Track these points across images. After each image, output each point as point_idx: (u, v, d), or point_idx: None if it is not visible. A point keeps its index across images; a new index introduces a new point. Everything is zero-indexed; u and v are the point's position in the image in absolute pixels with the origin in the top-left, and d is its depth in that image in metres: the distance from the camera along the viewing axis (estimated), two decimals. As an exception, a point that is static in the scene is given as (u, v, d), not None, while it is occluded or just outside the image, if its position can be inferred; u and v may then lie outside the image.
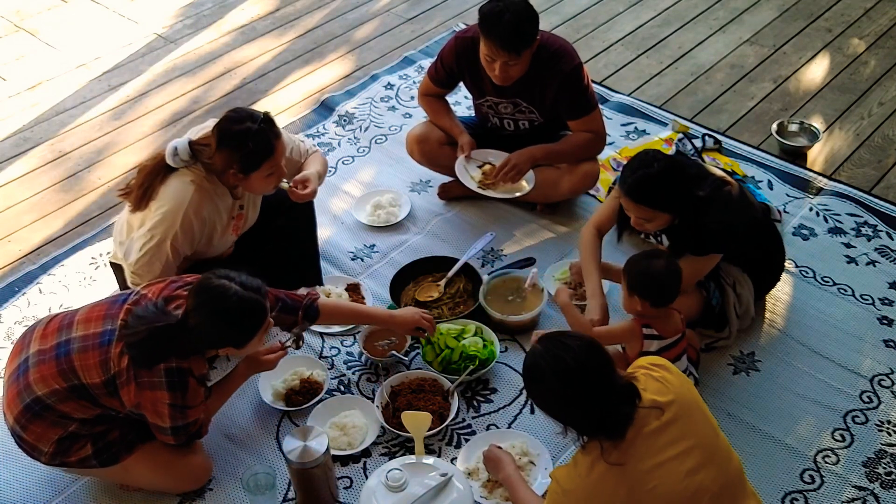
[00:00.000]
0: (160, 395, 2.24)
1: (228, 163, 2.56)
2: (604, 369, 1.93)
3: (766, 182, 3.57)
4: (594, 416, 1.91)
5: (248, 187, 2.69)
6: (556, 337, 1.99)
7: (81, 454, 2.35)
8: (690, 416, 1.99)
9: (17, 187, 3.81)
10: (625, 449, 1.91)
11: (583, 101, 3.17)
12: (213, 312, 2.22)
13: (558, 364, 1.91)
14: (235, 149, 2.54)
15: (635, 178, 2.54)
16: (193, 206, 2.59)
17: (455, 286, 3.13)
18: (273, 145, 2.58)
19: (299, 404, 2.73)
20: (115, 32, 4.87)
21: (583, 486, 1.95)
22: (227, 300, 2.21)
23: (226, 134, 2.55)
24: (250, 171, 2.59)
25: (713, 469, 1.97)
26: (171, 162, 2.59)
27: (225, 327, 2.25)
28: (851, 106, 4.06)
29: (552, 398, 1.96)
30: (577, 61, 3.11)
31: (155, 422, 2.31)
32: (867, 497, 2.47)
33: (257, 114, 2.58)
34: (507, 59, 2.96)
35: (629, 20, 4.78)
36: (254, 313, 2.27)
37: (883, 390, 2.76)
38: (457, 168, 3.29)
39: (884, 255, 3.23)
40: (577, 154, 3.25)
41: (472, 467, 2.54)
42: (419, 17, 4.90)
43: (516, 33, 2.91)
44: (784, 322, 2.99)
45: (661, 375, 2.01)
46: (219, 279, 2.24)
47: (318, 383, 2.79)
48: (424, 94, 3.44)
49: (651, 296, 2.44)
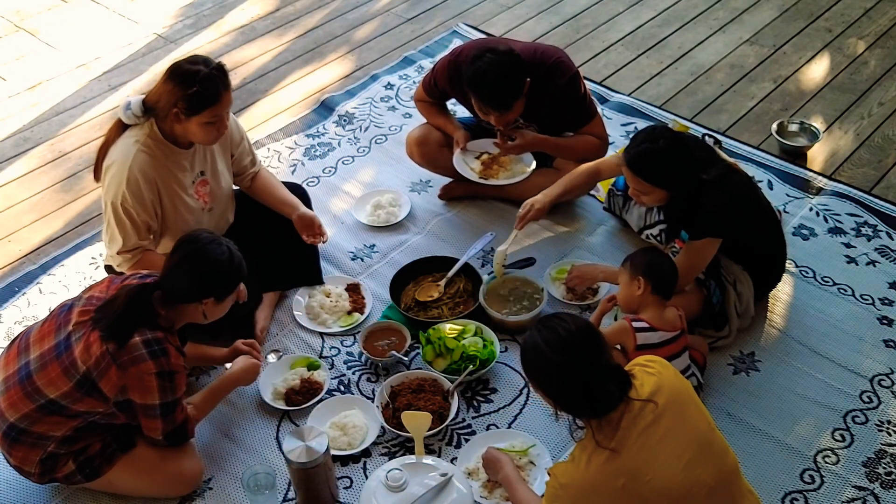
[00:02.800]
0: (144, 367, 2.23)
1: (173, 99, 2.55)
2: (595, 343, 1.98)
3: (766, 182, 3.57)
4: (585, 390, 1.93)
5: (187, 132, 2.64)
6: (551, 315, 2.07)
7: (65, 471, 2.39)
8: (685, 411, 2.01)
9: (17, 187, 3.81)
10: (619, 438, 1.93)
11: (581, 111, 3.18)
12: (195, 258, 2.29)
13: (551, 334, 1.97)
14: (182, 85, 2.53)
15: (638, 151, 2.60)
16: (137, 163, 2.59)
17: (455, 286, 3.13)
18: (220, 93, 2.57)
19: (299, 404, 2.73)
20: (115, 32, 4.87)
21: (580, 479, 1.97)
22: (211, 246, 2.30)
23: (177, 70, 2.57)
24: (192, 114, 2.56)
25: (709, 464, 1.98)
26: (123, 117, 2.62)
27: (207, 275, 2.30)
28: (851, 106, 4.06)
29: (546, 370, 1.99)
30: (572, 72, 3.11)
31: (144, 402, 2.28)
32: (867, 497, 2.47)
33: (212, 61, 2.59)
34: (498, 115, 3.00)
35: (629, 20, 4.78)
36: (238, 266, 2.35)
37: (883, 390, 2.76)
38: (455, 162, 3.29)
39: (884, 255, 3.23)
40: (580, 151, 3.24)
41: (472, 467, 2.54)
42: (419, 17, 4.90)
43: (502, 92, 2.93)
44: (784, 322, 2.99)
45: (656, 371, 2.04)
46: (200, 233, 2.35)
47: (319, 383, 2.79)
48: (419, 100, 3.45)
49: (655, 278, 2.50)
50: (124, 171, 2.58)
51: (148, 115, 2.62)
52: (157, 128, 2.64)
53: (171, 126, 2.62)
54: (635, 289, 2.51)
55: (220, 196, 2.88)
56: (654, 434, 1.94)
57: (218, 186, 2.86)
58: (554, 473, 2.05)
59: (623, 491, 1.92)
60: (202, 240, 2.34)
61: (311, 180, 3.70)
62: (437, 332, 2.85)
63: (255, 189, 3.01)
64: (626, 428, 1.93)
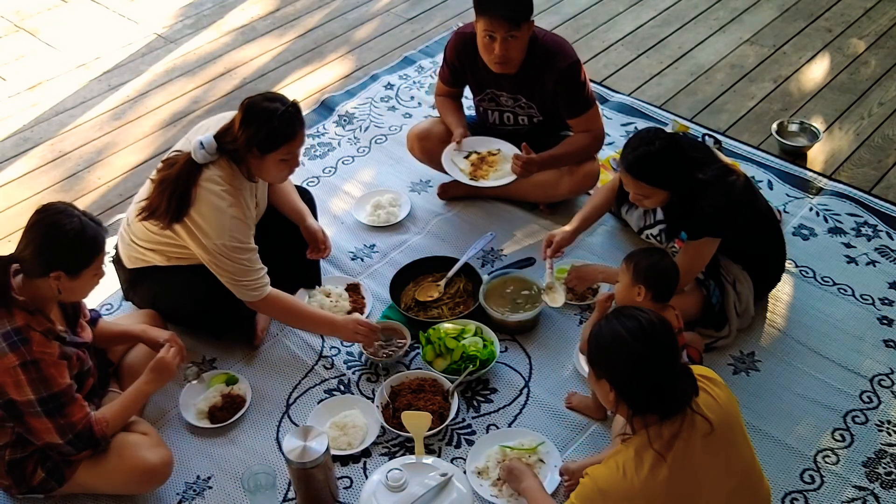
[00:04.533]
0: (6, 361, 2.17)
1: (251, 140, 2.55)
2: (674, 340, 1.95)
3: (766, 182, 3.57)
4: (660, 385, 1.88)
5: (262, 170, 2.65)
6: (627, 307, 2.03)
7: (38, 479, 2.38)
8: (734, 436, 1.97)
9: (17, 187, 3.81)
10: (676, 449, 1.87)
11: (581, 98, 3.17)
12: (50, 227, 2.21)
13: (633, 323, 1.92)
14: (261, 125, 2.53)
15: (636, 155, 2.59)
16: (231, 212, 2.59)
17: (455, 286, 3.13)
18: (296, 130, 2.59)
19: (224, 420, 2.70)
20: (115, 32, 4.87)
21: (625, 489, 1.89)
22: (65, 217, 2.22)
23: (254, 108, 2.55)
24: (269, 152, 2.57)
25: (748, 496, 1.97)
26: (198, 158, 2.57)
27: (59, 245, 2.21)
28: (851, 106, 4.06)
29: (625, 360, 1.92)
30: (573, 58, 3.12)
31: (22, 399, 2.20)
32: (867, 497, 2.47)
33: (287, 98, 2.60)
34: (506, 31, 2.97)
35: (629, 20, 4.78)
36: (90, 239, 2.26)
37: (883, 390, 2.76)
38: (444, 162, 3.29)
39: (884, 255, 3.23)
40: (576, 156, 3.26)
41: (481, 466, 2.54)
42: (419, 17, 4.90)
43: (516, 1, 2.94)
44: (784, 322, 2.99)
45: (711, 389, 1.99)
46: (55, 203, 2.27)
47: (241, 396, 2.78)
48: (438, 95, 3.47)
49: (656, 287, 2.45)
50: (225, 220, 2.57)
51: (221, 153, 2.61)
52: (232, 164, 2.63)
53: (247, 164, 2.63)
54: (635, 294, 2.48)
55: (260, 214, 2.91)
56: (704, 454, 1.89)
57: (261, 206, 2.90)
58: (593, 476, 1.95)
59: None
60: (53, 209, 2.26)
61: (311, 180, 3.70)
62: (437, 332, 2.85)
63: (269, 191, 3.01)
64: (684, 440, 1.88)
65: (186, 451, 2.64)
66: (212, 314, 2.87)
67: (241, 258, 2.63)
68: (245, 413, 2.74)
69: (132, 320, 2.83)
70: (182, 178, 2.58)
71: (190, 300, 2.83)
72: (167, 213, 2.59)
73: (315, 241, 3.06)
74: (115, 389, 2.62)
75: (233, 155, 2.61)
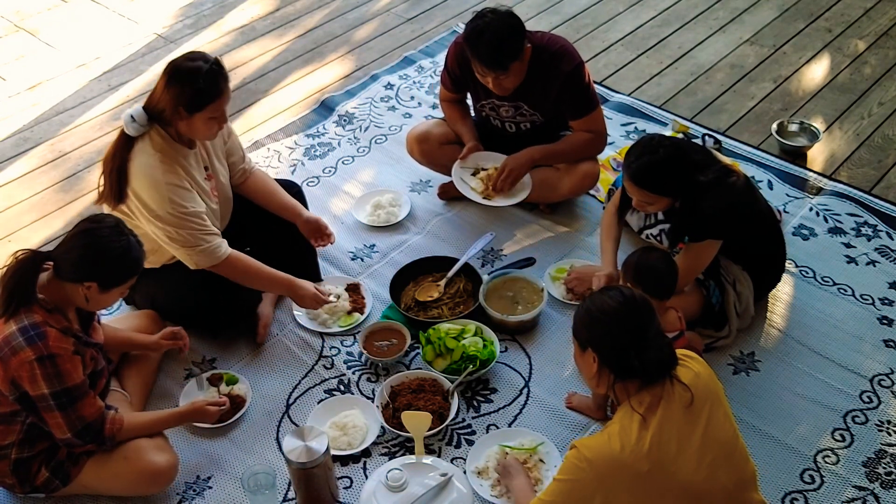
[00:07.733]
0: (24, 355, 2.18)
1: (176, 101, 2.53)
2: (652, 308, 2.04)
3: (766, 182, 3.57)
4: (641, 346, 1.94)
5: (191, 130, 2.63)
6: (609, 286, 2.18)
7: (42, 479, 2.38)
8: (715, 412, 2.01)
9: (17, 187, 3.81)
10: (654, 409, 1.94)
11: (585, 101, 3.17)
12: (98, 240, 2.23)
13: (614, 291, 2.05)
14: (185, 84, 2.52)
15: (640, 164, 2.58)
16: (167, 178, 2.58)
17: (455, 286, 3.13)
18: (221, 87, 2.57)
19: (224, 420, 2.69)
20: (115, 32, 4.87)
21: (608, 455, 1.93)
22: (115, 235, 2.25)
23: (177, 69, 2.55)
24: (195, 111, 2.55)
25: (731, 469, 1.99)
26: (131, 131, 2.58)
27: (103, 261, 2.23)
28: (851, 106, 4.06)
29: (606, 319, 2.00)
30: (578, 61, 3.11)
31: (36, 394, 2.21)
32: (867, 497, 2.47)
33: (210, 56, 2.58)
34: (494, 76, 2.98)
35: (629, 20, 4.78)
36: (133, 261, 2.29)
37: (883, 390, 2.76)
38: (454, 179, 3.28)
39: (884, 255, 3.23)
40: (577, 154, 3.25)
41: (481, 466, 2.54)
42: (419, 17, 4.90)
43: (499, 52, 2.91)
44: (784, 322, 2.99)
45: (693, 366, 2.04)
46: (108, 217, 2.30)
47: (241, 396, 2.78)
48: (443, 100, 3.45)
49: (650, 285, 2.46)
50: (161, 187, 2.56)
51: (152, 121, 2.61)
52: (161, 131, 2.62)
53: (175, 127, 2.61)
54: None
55: (222, 191, 2.88)
56: (684, 426, 1.94)
57: (219, 181, 2.87)
58: (579, 446, 1.99)
59: (647, 476, 1.91)
60: (106, 223, 2.28)
61: (311, 180, 3.70)
62: (437, 332, 2.85)
63: (250, 189, 3.01)
64: (665, 407, 1.94)
65: (186, 451, 2.64)
66: (211, 313, 2.87)
67: (189, 223, 2.60)
68: (245, 413, 2.74)
69: (131, 321, 2.84)
70: (116, 155, 2.60)
71: (189, 299, 2.83)
72: (111, 195, 2.62)
73: (318, 229, 3.04)
74: (116, 388, 2.63)
75: (160, 119, 2.60)
